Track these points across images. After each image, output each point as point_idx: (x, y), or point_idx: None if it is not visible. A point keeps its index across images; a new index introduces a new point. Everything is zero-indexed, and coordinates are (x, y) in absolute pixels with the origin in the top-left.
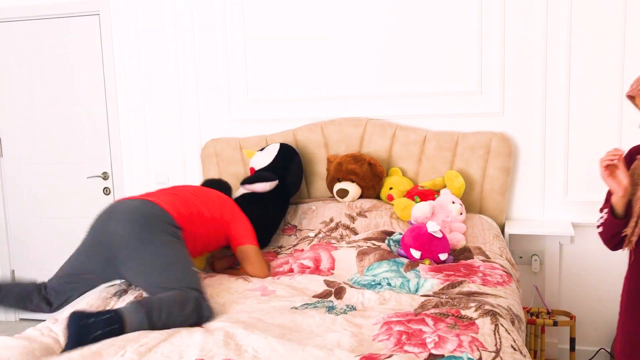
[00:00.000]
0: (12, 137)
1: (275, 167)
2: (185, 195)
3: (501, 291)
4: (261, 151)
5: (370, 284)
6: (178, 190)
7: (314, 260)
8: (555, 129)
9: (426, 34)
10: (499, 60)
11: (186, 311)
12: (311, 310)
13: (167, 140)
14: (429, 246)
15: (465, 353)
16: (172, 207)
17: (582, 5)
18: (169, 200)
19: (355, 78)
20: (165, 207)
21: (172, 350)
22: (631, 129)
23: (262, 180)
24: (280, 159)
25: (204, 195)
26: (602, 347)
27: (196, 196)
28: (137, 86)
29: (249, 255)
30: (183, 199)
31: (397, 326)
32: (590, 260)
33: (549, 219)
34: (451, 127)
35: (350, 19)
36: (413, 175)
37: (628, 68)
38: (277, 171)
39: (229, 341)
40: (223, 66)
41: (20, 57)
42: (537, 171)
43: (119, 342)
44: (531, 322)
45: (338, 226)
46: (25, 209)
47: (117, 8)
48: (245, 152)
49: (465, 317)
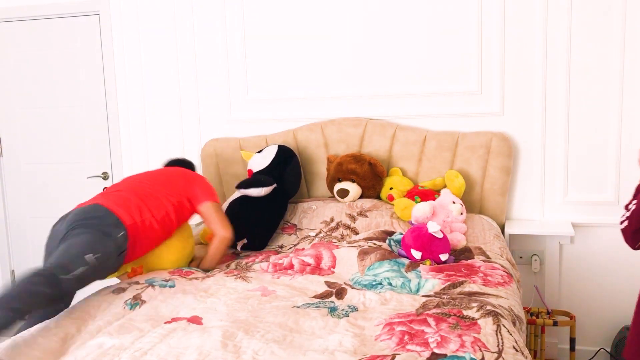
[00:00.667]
0: (12, 137)
1: (273, 169)
2: (142, 191)
3: (502, 291)
4: (259, 153)
5: (371, 284)
6: (137, 184)
7: (315, 257)
8: (555, 129)
9: (426, 34)
10: (499, 60)
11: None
12: (313, 311)
13: (167, 140)
14: (430, 247)
15: (468, 353)
16: (122, 209)
17: (582, 5)
18: (121, 201)
19: (355, 78)
20: (113, 208)
21: (168, 352)
22: (631, 129)
23: (257, 185)
24: (278, 161)
25: (163, 181)
26: (602, 347)
27: (154, 186)
28: (137, 86)
29: (208, 214)
30: (139, 196)
31: (399, 326)
32: (590, 260)
33: (549, 219)
34: (451, 127)
35: (350, 18)
36: (413, 175)
37: (628, 68)
38: (274, 173)
39: (227, 342)
40: (223, 66)
41: (20, 57)
42: (537, 171)
43: (112, 351)
44: (531, 322)
45: (339, 226)
46: (25, 209)
47: (117, 8)
48: (243, 154)
49: (467, 318)
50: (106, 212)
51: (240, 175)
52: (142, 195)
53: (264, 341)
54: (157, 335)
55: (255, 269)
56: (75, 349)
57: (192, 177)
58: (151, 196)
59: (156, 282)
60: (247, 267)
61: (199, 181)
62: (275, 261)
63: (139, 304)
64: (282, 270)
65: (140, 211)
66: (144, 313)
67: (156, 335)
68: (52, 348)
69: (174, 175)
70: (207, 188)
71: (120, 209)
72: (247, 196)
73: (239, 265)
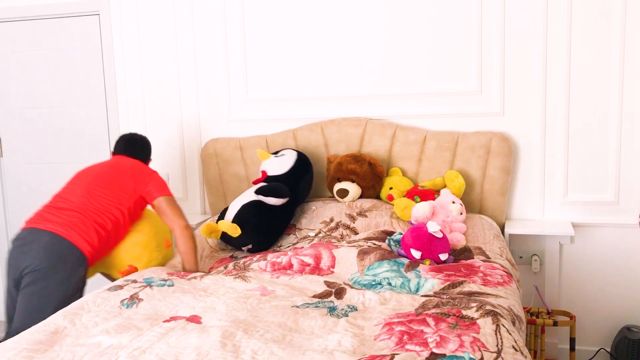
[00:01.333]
0: (12, 137)
1: (289, 178)
2: (93, 206)
3: (502, 291)
4: (276, 156)
5: (371, 283)
6: (87, 197)
7: (314, 257)
8: (555, 129)
9: (426, 33)
10: (499, 60)
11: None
12: (312, 311)
13: (167, 140)
14: (430, 246)
15: (467, 353)
16: (80, 235)
17: (582, 5)
18: (77, 224)
19: (355, 78)
20: (73, 239)
21: (167, 351)
22: (631, 129)
23: (276, 195)
24: (296, 171)
25: (115, 188)
26: (602, 347)
27: (105, 197)
28: (137, 86)
29: (162, 209)
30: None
31: (398, 326)
32: (590, 260)
33: (549, 219)
34: (451, 127)
35: (350, 18)
36: (413, 175)
37: (628, 68)
38: (290, 182)
39: (227, 342)
40: (223, 66)
41: (20, 57)
42: (537, 171)
43: (111, 350)
44: (531, 322)
45: (338, 226)
46: (25, 209)
47: (117, 8)
48: (259, 153)
49: (467, 317)
50: (68, 247)
51: (241, 175)
52: (94, 211)
53: (263, 341)
54: (155, 334)
55: (253, 268)
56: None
57: (142, 176)
58: (104, 210)
59: (154, 282)
60: (245, 266)
61: (149, 177)
62: (272, 260)
63: (136, 303)
64: (282, 269)
65: (97, 233)
66: (142, 312)
67: (155, 334)
68: (39, 340)
69: (124, 177)
70: (159, 183)
71: (79, 236)
72: (260, 201)
73: (237, 265)
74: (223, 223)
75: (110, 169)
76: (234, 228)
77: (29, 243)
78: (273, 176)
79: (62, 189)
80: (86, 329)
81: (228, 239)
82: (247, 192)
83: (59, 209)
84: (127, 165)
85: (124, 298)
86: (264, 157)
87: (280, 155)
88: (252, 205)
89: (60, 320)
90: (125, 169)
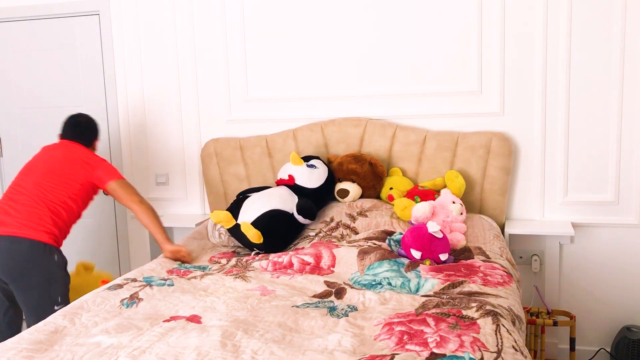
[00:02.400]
0: (12, 137)
1: (317, 194)
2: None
3: (502, 291)
4: (309, 165)
5: (371, 283)
6: (39, 188)
7: (314, 256)
8: (556, 129)
9: (426, 33)
10: (499, 60)
11: None
12: (312, 310)
13: (167, 140)
14: (430, 246)
15: (467, 353)
16: (41, 230)
17: (582, 5)
18: (36, 218)
19: (355, 78)
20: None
21: (167, 351)
22: (631, 129)
23: (311, 218)
24: (326, 189)
25: (65, 178)
26: (602, 347)
27: (56, 188)
28: (137, 86)
29: (115, 192)
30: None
31: (398, 326)
32: (590, 260)
33: (549, 219)
34: (451, 127)
35: (350, 18)
36: (413, 175)
37: (628, 68)
38: (316, 197)
39: (227, 342)
40: (223, 66)
41: (20, 57)
42: (537, 171)
43: (111, 350)
44: (531, 322)
45: (339, 225)
46: None
47: (117, 8)
48: (293, 156)
49: (467, 317)
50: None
51: (241, 175)
52: (48, 201)
53: (263, 341)
54: (155, 334)
55: (255, 267)
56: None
57: (91, 163)
58: (57, 201)
59: (154, 281)
60: (247, 264)
61: (98, 164)
62: (274, 259)
63: (136, 302)
64: (282, 269)
65: (54, 221)
66: (142, 312)
67: (155, 334)
68: (39, 339)
69: (74, 165)
70: (108, 168)
71: (40, 232)
72: (287, 213)
73: (240, 262)
74: (246, 225)
75: (60, 160)
76: (258, 237)
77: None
78: (301, 187)
79: (13, 183)
80: (86, 328)
81: (239, 236)
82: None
83: (11, 206)
84: (76, 155)
85: (123, 297)
86: (295, 163)
87: (311, 165)
88: (278, 215)
89: (60, 319)
90: (74, 158)
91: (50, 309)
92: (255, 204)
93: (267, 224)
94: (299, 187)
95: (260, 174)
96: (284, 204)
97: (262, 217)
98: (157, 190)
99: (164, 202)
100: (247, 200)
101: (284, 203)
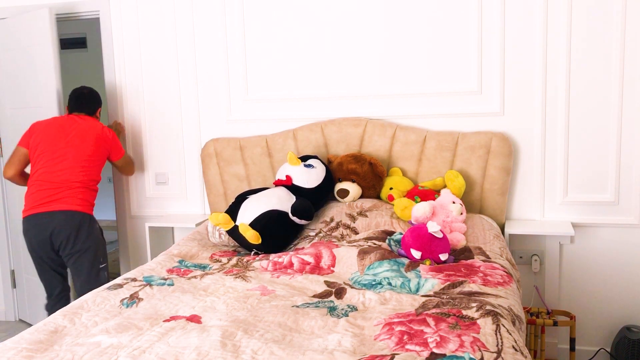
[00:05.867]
0: (12, 137)
1: (315, 194)
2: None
3: (502, 291)
4: (306, 165)
5: (371, 283)
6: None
7: (314, 256)
8: (556, 129)
9: (426, 33)
10: (499, 60)
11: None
12: (312, 310)
13: (167, 140)
14: (430, 246)
15: (467, 353)
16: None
17: (582, 5)
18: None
19: (355, 78)
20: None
21: (167, 351)
22: (631, 129)
23: (308, 218)
24: (323, 188)
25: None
26: (602, 347)
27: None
28: (136, 86)
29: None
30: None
31: (398, 326)
32: (590, 260)
33: (549, 219)
34: (451, 127)
35: (349, 18)
36: (413, 175)
37: (628, 68)
38: (314, 197)
39: (227, 342)
40: (223, 66)
41: (20, 57)
42: (537, 171)
43: (110, 350)
44: (531, 322)
45: (339, 225)
46: None
47: (117, 8)
48: (290, 157)
49: (467, 317)
50: (85, 219)
51: (241, 175)
52: (86, 181)
53: (263, 341)
54: (155, 334)
55: (255, 267)
56: (72, 344)
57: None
58: (90, 179)
59: (154, 281)
60: (248, 264)
61: (111, 144)
62: (274, 259)
63: (136, 302)
64: (282, 269)
65: (92, 196)
66: (142, 311)
67: (155, 334)
68: (39, 339)
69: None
70: (117, 147)
71: (85, 206)
72: (284, 213)
73: (240, 261)
74: (244, 226)
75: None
76: (256, 238)
77: (44, 223)
78: (299, 187)
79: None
80: (86, 328)
81: (238, 237)
82: (267, 196)
83: (57, 186)
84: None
85: (123, 297)
86: (293, 163)
87: (308, 165)
88: (276, 215)
89: (60, 319)
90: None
91: (97, 267)
92: (253, 205)
93: (265, 224)
94: (296, 187)
95: (260, 174)
96: (282, 205)
97: (260, 218)
98: (157, 190)
99: (164, 202)
100: (245, 201)
101: (282, 203)
